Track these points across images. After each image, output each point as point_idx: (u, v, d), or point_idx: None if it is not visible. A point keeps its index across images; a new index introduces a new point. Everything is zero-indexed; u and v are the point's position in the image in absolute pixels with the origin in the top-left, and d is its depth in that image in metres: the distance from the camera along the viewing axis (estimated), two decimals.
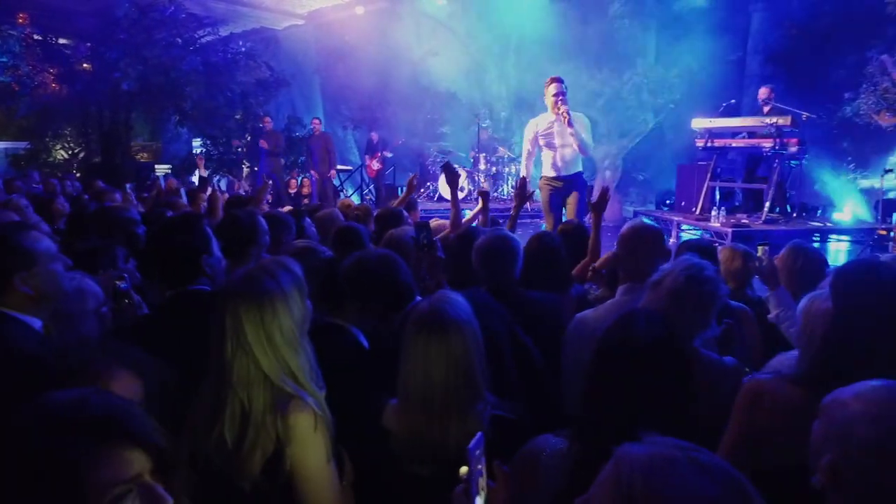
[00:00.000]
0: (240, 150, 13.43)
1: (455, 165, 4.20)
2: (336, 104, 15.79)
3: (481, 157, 12.25)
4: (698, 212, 9.09)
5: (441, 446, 1.49)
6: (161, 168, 13.25)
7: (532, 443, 1.43)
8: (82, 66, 11.91)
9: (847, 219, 9.71)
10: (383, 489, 1.62)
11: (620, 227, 2.60)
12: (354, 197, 12.30)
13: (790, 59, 11.40)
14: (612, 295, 2.45)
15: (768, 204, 8.41)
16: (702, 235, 8.21)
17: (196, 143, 14.69)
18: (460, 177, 3.86)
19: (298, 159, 13.35)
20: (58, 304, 1.84)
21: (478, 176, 12.14)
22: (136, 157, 13.96)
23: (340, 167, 12.49)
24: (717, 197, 9.38)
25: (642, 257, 2.31)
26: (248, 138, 12.91)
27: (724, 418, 1.64)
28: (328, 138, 11.65)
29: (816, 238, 8.46)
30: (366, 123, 14.32)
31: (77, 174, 11.96)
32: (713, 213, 8.54)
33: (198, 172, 8.00)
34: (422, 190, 12.49)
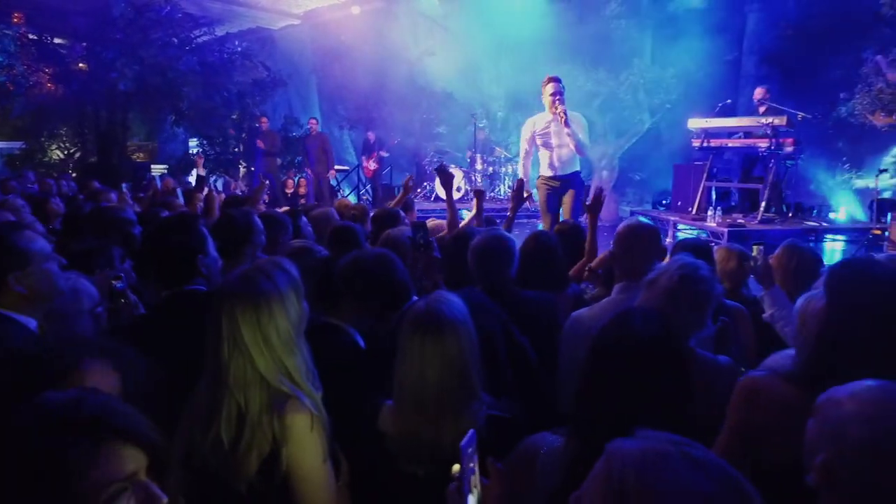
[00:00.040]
0: (236, 150, 13.40)
1: (452, 165, 4.20)
2: (332, 104, 15.77)
3: (478, 157, 12.26)
4: (695, 212, 9.11)
5: (436, 446, 1.49)
6: (157, 168, 13.21)
7: (528, 440, 1.43)
8: (78, 66, 11.86)
9: (842, 218, 9.75)
10: (379, 489, 1.62)
11: (617, 226, 2.60)
12: (351, 197, 12.30)
13: (785, 60, 11.44)
14: (609, 294, 2.45)
15: (764, 204, 8.44)
16: (698, 235, 8.23)
17: (192, 143, 14.66)
18: (455, 178, 3.86)
19: (295, 159, 13.33)
20: (52, 303, 1.84)
21: (474, 176, 12.15)
22: (133, 157, 13.91)
23: (337, 167, 12.48)
24: (714, 197, 9.41)
25: (638, 255, 2.30)
26: (244, 138, 12.88)
27: (720, 418, 1.64)
28: (325, 138, 11.63)
29: (812, 238, 8.50)
30: (362, 123, 14.30)
31: (73, 174, 11.92)
32: (709, 212, 8.57)
33: (196, 171, 7.97)
34: (418, 190, 12.48)
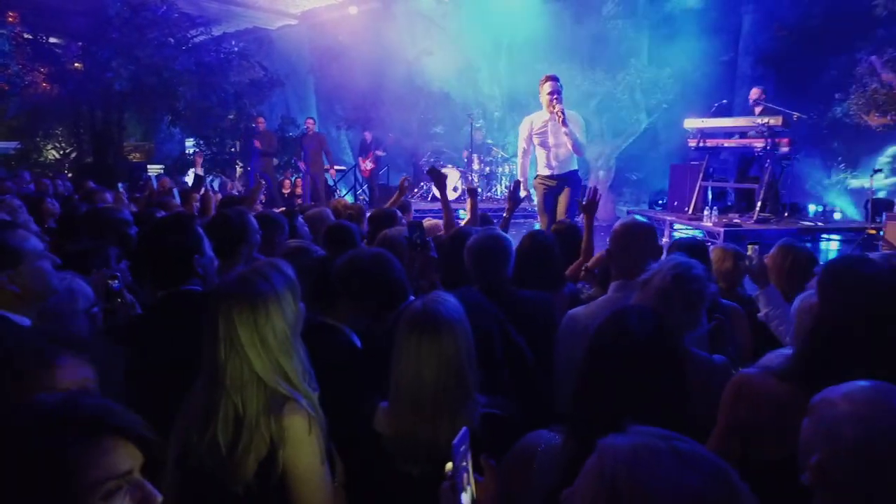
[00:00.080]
0: (232, 150, 13.38)
1: (448, 165, 4.21)
2: (330, 104, 15.75)
3: (475, 157, 12.27)
4: (691, 211, 9.13)
5: (433, 445, 1.49)
6: (154, 168, 13.17)
7: (526, 438, 1.43)
8: (73, 66, 11.82)
9: (837, 218, 9.78)
10: (375, 489, 1.62)
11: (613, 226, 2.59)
12: (348, 197, 12.28)
13: (781, 60, 11.48)
14: (605, 293, 2.46)
15: (760, 204, 8.46)
16: (693, 235, 8.24)
17: (189, 143, 14.62)
18: (447, 178, 3.85)
19: (292, 159, 13.33)
20: (47, 303, 1.83)
21: (471, 176, 12.16)
22: (129, 157, 13.88)
23: (329, 169, 12.46)
24: (710, 197, 9.43)
25: (634, 254, 2.29)
26: (241, 138, 12.85)
27: (715, 417, 1.64)
28: (322, 138, 11.62)
29: (808, 238, 8.52)
30: (359, 123, 14.29)
31: (69, 174, 11.88)
32: (705, 212, 8.59)
33: (194, 171, 7.95)
34: (415, 190, 12.47)
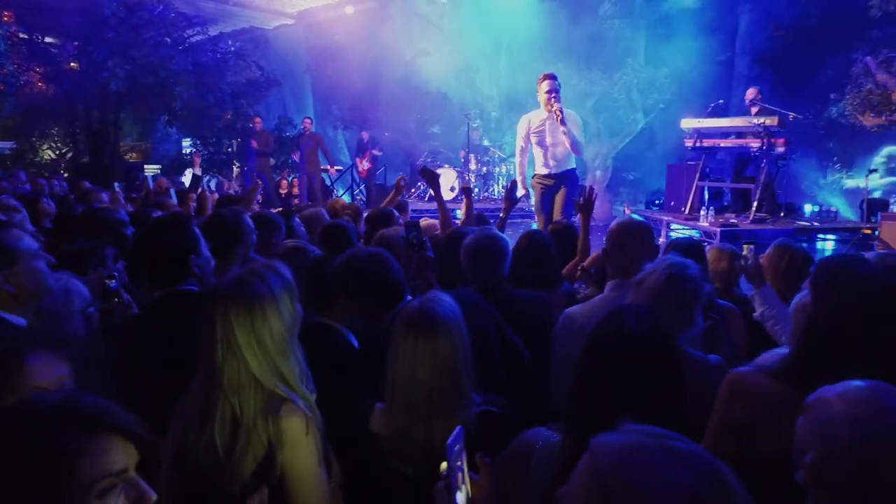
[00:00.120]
0: (229, 150, 13.35)
1: (446, 166, 4.21)
2: (327, 104, 15.74)
3: (472, 157, 12.26)
4: (687, 211, 9.15)
5: (427, 445, 1.50)
6: (150, 168, 13.14)
7: (524, 436, 1.43)
8: (69, 66, 11.79)
9: (833, 218, 9.82)
10: (371, 489, 1.62)
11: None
12: (345, 197, 12.27)
13: (777, 61, 11.51)
14: (601, 293, 2.46)
15: (756, 203, 8.48)
16: (690, 235, 8.26)
17: (186, 143, 14.59)
18: (440, 177, 3.85)
19: (289, 159, 13.31)
20: (43, 303, 1.83)
21: (468, 176, 12.16)
22: (125, 157, 13.85)
23: (329, 168, 12.45)
24: (706, 196, 9.45)
25: (631, 253, 2.29)
26: (238, 139, 12.83)
27: (709, 417, 1.65)
28: (319, 138, 11.61)
29: (804, 238, 8.55)
30: (356, 123, 14.28)
31: (64, 174, 11.84)
32: (702, 212, 8.60)
33: (192, 171, 7.93)
34: (412, 190, 12.47)
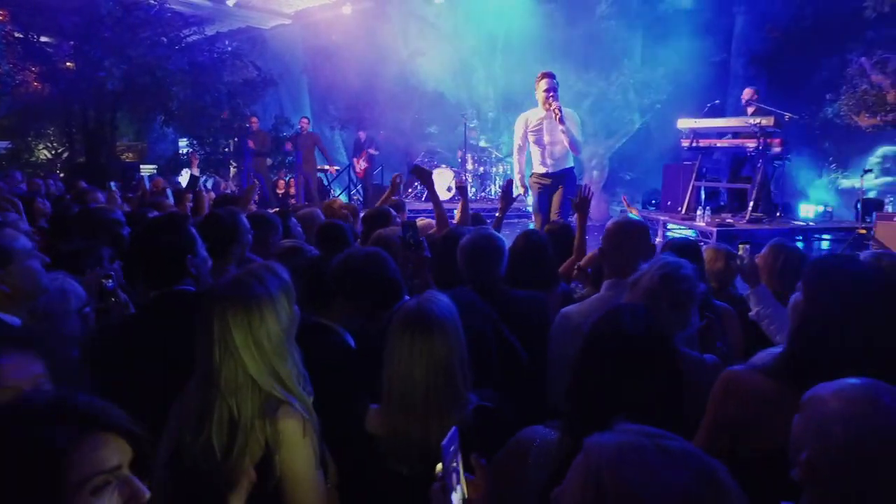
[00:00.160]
0: (226, 150, 13.32)
1: (443, 166, 4.21)
2: (323, 104, 15.71)
3: (469, 156, 12.27)
4: (684, 211, 9.17)
5: (423, 445, 1.50)
6: (147, 168, 13.10)
7: (521, 434, 1.43)
8: (65, 65, 11.74)
9: (828, 218, 9.86)
10: (368, 489, 1.62)
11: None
12: (342, 197, 12.26)
13: (772, 61, 11.54)
14: (597, 292, 2.46)
15: (752, 203, 8.51)
16: (686, 235, 8.28)
17: (182, 142, 14.56)
18: (432, 174, 3.85)
19: (286, 159, 13.28)
20: (39, 303, 1.82)
21: (465, 176, 12.16)
22: (122, 157, 13.79)
23: (327, 167, 12.45)
24: (703, 196, 9.47)
25: (627, 253, 2.29)
26: (235, 139, 12.81)
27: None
28: (317, 137, 11.60)
29: (799, 238, 8.59)
30: (353, 123, 14.26)
31: (60, 174, 11.80)
32: (698, 212, 8.63)
33: (189, 171, 7.94)
34: (409, 190, 12.47)
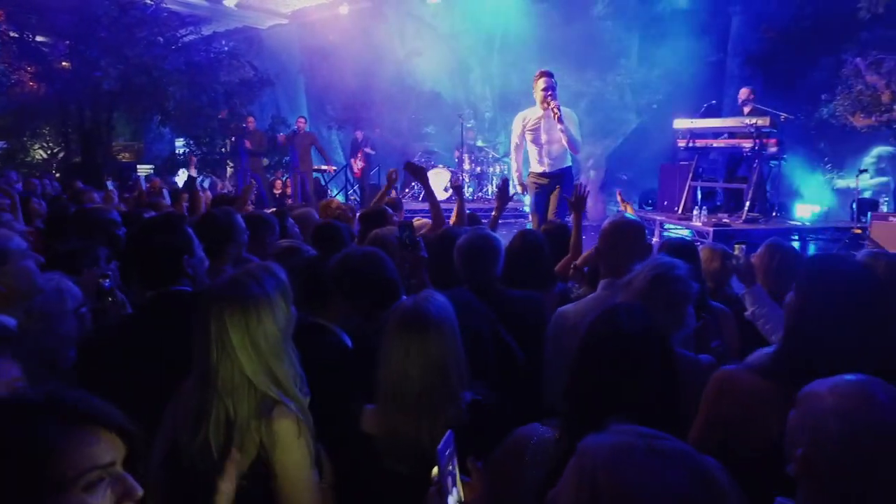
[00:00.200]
0: (223, 150, 13.30)
1: (440, 166, 4.21)
2: (320, 104, 15.70)
3: (465, 156, 12.27)
4: (680, 211, 9.20)
5: (419, 444, 1.50)
6: (143, 168, 13.07)
7: (518, 432, 1.43)
8: (61, 65, 11.69)
9: (824, 218, 9.90)
10: (364, 488, 1.62)
11: None
12: (339, 197, 12.25)
13: (768, 62, 11.58)
14: (594, 292, 2.47)
15: (748, 203, 8.53)
16: (682, 235, 8.30)
17: (179, 142, 14.52)
18: (426, 170, 3.85)
19: (283, 159, 13.26)
20: (35, 303, 1.82)
21: (462, 175, 12.16)
22: (118, 157, 13.76)
23: (324, 167, 12.43)
24: (699, 196, 9.50)
25: (623, 252, 2.28)
26: (233, 139, 12.79)
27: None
28: (314, 137, 11.58)
29: (795, 237, 8.62)
30: (350, 123, 14.26)
31: (56, 174, 11.75)
32: (695, 212, 8.66)
33: (187, 171, 7.93)
34: (406, 190, 12.47)
